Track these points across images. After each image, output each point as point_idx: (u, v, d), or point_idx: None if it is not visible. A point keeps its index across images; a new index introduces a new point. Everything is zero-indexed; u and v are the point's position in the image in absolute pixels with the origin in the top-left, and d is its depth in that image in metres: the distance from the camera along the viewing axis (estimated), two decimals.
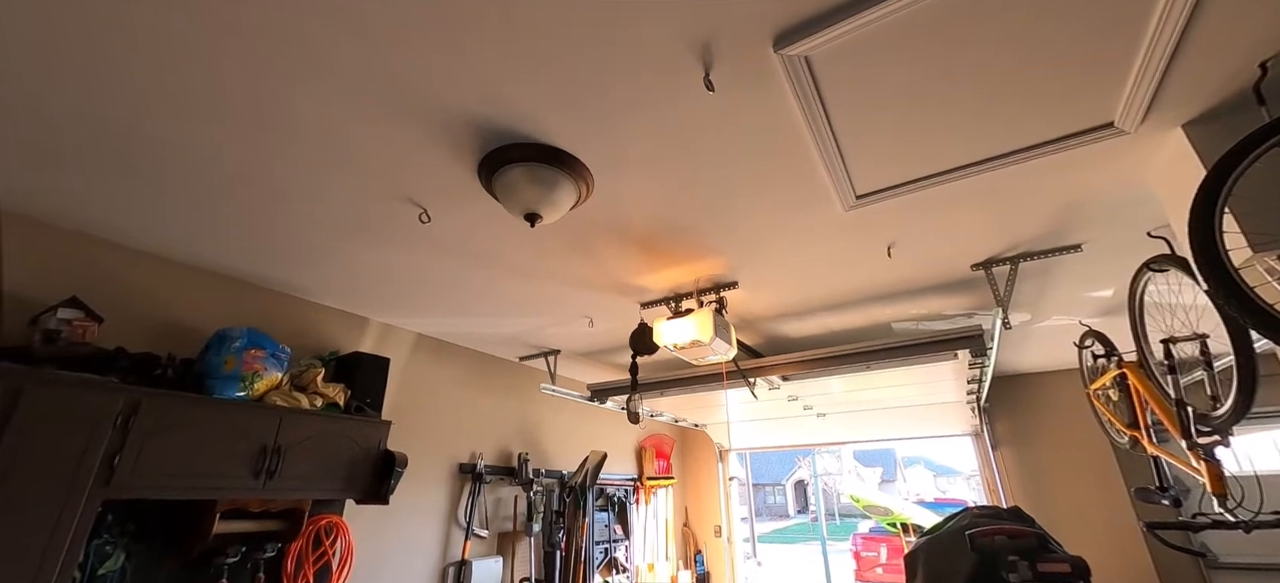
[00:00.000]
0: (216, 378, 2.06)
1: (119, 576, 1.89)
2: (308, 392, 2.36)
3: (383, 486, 2.46)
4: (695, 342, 2.32)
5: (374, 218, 1.91)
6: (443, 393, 3.34)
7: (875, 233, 2.06)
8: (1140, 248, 2.15)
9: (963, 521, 2.19)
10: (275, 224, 1.98)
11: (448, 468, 3.24)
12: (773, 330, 3.22)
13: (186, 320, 2.29)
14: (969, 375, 3.30)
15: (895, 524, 7.76)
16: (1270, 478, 1.63)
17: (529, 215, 1.62)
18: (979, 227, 2.03)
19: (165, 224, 1.99)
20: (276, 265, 2.33)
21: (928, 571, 2.11)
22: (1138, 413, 2.22)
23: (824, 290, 2.61)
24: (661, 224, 1.97)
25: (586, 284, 2.52)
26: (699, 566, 5.35)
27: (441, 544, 3.09)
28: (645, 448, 5.19)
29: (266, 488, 2.08)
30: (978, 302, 2.79)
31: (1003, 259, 2.26)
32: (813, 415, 4.58)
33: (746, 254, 2.22)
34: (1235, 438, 1.76)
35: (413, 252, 2.18)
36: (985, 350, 2.51)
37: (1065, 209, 1.92)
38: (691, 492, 5.72)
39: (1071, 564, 1.88)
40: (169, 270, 2.28)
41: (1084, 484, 4.09)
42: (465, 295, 2.66)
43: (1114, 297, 2.73)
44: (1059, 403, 4.37)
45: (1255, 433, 3.68)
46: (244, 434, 2.05)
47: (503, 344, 3.55)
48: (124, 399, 1.77)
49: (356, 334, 2.93)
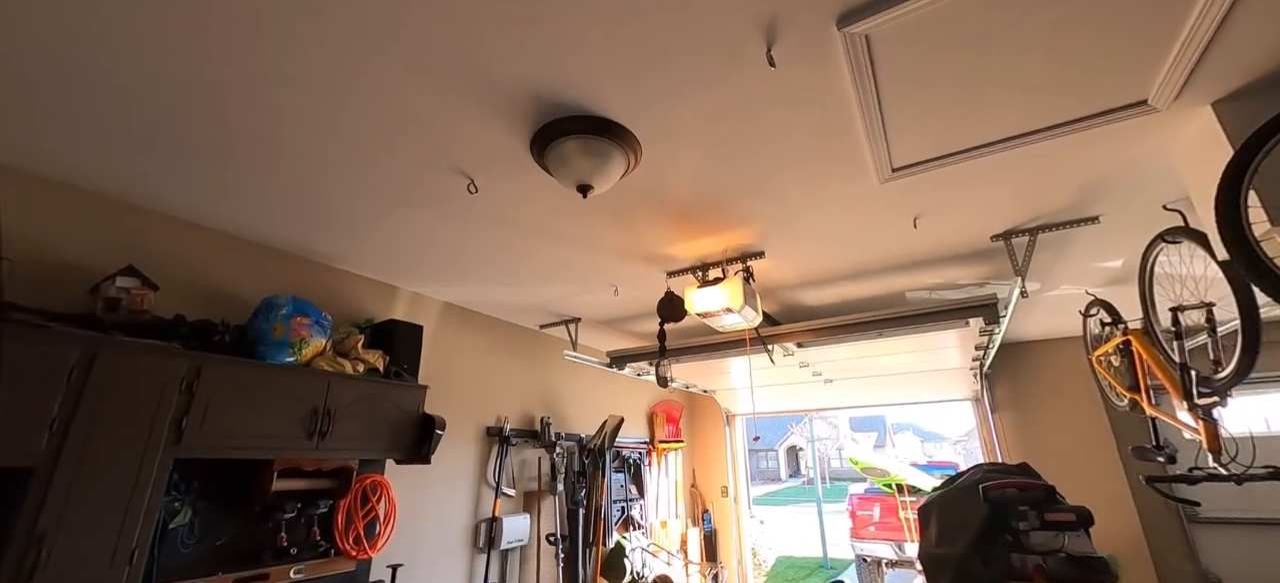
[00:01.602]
0: (267, 344, 2.14)
1: (188, 529, 2.00)
2: (350, 358, 2.44)
3: (423, 446, 2.57)
4: (726, 309, 2.42)
5: (422, 188, 1.96)
6: (469, 360, 3.44)
7: (904, 205, 2.13)
8: (1154, 221, 2.24)
9: (975, 476, 2.34)
10: (323, 193, 2.02)
11: (476, 431, 3.37)
12: (791, 299, 3.32)
13: (228, 289, 2.35)
14: (977, 342, 3.44)
15: (891, 485, 8.08)
16: (1260, 439, 1.76)
17: (581, 186, 1.68)
18: (1003, 199, 2.11)
19: (213, 195, 2.03)
20: (317, 234, 2.38)
21: (941, 521, 2.27)
22: (1139, 377, 2.35)
23: (847, 260, 2.70)
24: (700, 195, 2.03)
25: (618, 253, 2.59)
26: (707, 523, 5.61)
27: (473, 502, 3.25)
28: (656, 413, 5.36)
29: (319, 448, 2.18)
30: (992, 272, 2.90)
31: (1022, 230, 2.35)
32: (820, 381, 4.74)
33: (778, 225, 2.29)
34: (1232, 400, 1.89)
35: (456, 222, 2.23)
36: (998, 318, 2.62)
37: (1088, 183, 2.00)
38: (699, 455, 5.93)
39: (1076, 514, 2.04)
40: (210, 240, 2.32)
41: (1077, 446, 4.31)
42: (502, 265, 2.72)
43: (1123, 267, 2.84)
44: (1057, 370, 4.55)
45: (1247, 398, 3.88)
46: (297, 397, 2.14)
47: (525, 313, 3.64)
48: (187, 364, 1.85)
49: (387, 303, 3.00)
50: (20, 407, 1.50)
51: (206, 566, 2.02)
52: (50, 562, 1.49)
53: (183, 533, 1.99)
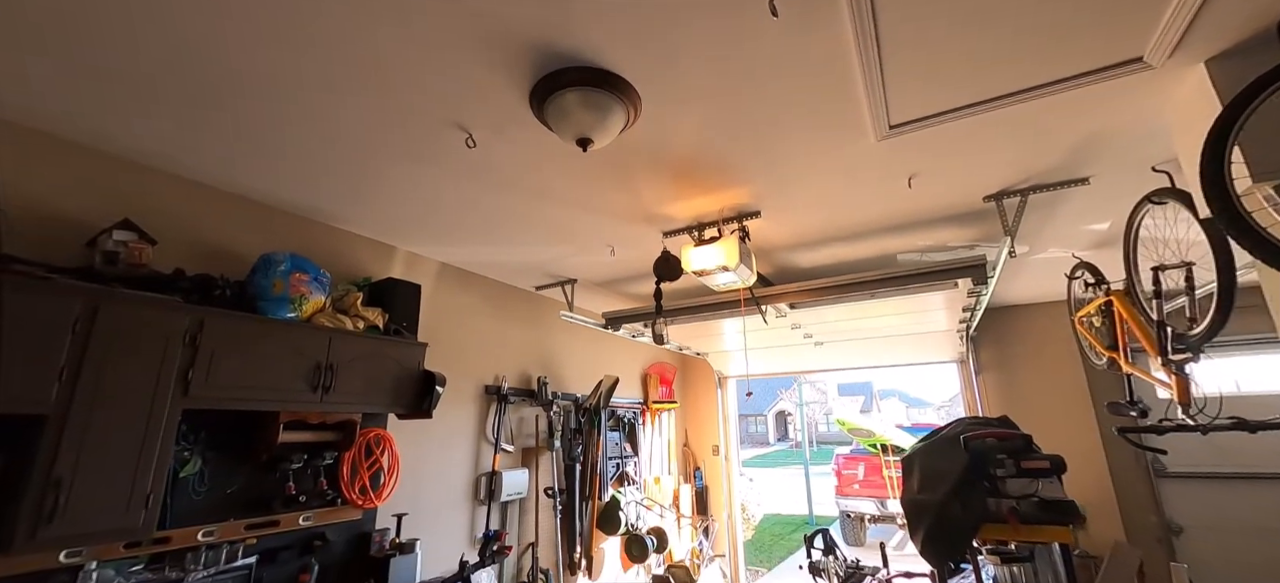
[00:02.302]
0: (267, 300, 2.15)
1: (199, 477, 2.06)
2: (349, 315, 2.47)
3: (424, 402, 2.63)
4: (721, 267, 2.45)
5: (421, 142, 1.94)
6: (466, 320, 3.47)
7: (900, 164, 2.15)
8: (1142, 183, 2.29)
9: (957, 427, 2.45)
10: (317, 148, 2.00)
11: (475, 389, 3.44)
12: (785, 260, 3.37)
13: (224, 245, 2.34)
14: (965, 304, 3.52)
15: (876, 445, 8.37)
16: (1228, 398, 1.87)
17: (581, 140, 1.68)
18: (997, 159, 2.14)
19: (207, 151, 2.00)
20: (313, 192, 2.36)
21: (924, 470, 2.39)
22: (1118, 336, 2.45)
23: (842, 221, 2.73)
24: (698, 152, 2.04)
25: (615, 213, 2.60)
26: (698, 480, 5.81)
27: (473, 457, 3.34)
28: (650, 375, 5.47)
29: (323, 402, 2.23)
30: (982, 234, 2.95)
31: (1014, 191, 2.39)
32: (810, 344, 4.84)
33: (775, 184, 2.31)
34: (1203, 357, 1.98)
35: (455, 178, 2.22)
36: (986, 279, 2.69)
37: (1080, 143, 2.03)
38: (691, 416, 6.09)
39: (1051, 461, 2.16)
40: (204, 196, 2.30)
41: (1055, 404, 4.48)
42: (499, 224, 2.72)
43: (1109, 230, 2.90)
44: (1039, 332, 4.68)
45: (1219, 359, 4.04)
46: (299, 352, 2.17)
47: (522, 274, 3.66)
48: (190, 318, 1.87)
49: (384, 262, 3.01)
50: (28, 357, 1.52)
51: (218, 512, 2.08)
52: (68, 505, 1.54)
53: (194, 481, 2.04)
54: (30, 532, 1.48)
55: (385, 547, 2.59)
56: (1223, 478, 3.94)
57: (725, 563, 5.47)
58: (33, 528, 1.49)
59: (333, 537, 2.42)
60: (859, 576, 3.10)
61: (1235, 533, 3.84)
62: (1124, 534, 3.98)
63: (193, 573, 1.94)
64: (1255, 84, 1.27)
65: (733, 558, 5.63)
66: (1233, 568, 3.69)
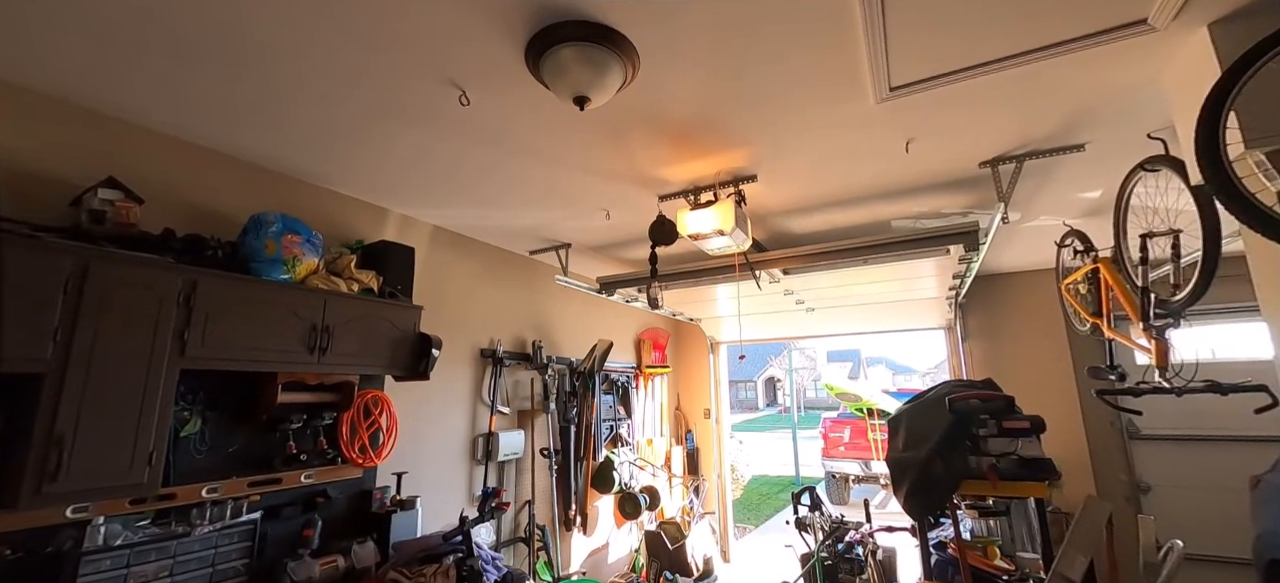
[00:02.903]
0: (260, 261, 2.13)
1: (200, 437, 2.08)
2: (343, 277, 2.45)
3: (421, 364, 2.65)
4: (717, 231, 2.46)
5: (413, 99, 1.90)
6: (461, 284, 3.47)
7: (898, 128, 2.14)
8: (1136, 151, 2.29)
9: (943, 389, 2.52)
10: (308, 105, 1.94)
11: (470, 352, 3.46)
12: (779, 226, 3.37)
13: (213, 206, 2.29)
14: (955, 271, 3.57)
15: (862, 409, 8.60)
16: (1204, 364, 1.94)
17: (578, 98, 1.65)
18: (994, 124, 2.13)
19: (192, 107, 1.94)
20: (303, 151, 2.31)
21: (909, 429, 2.47)
22: (1103, 303, 2.51)
23: (837, 186, 2.73)
24: (696, 112, 2.01)
25: (611, 175, 2.57)
26: (689, 442, 5.96)
27: (470, 418, 3.39)
28: (643, 340, 5.52)
29: (320, 364, 2.24)
30: (976, 201, 2.96)
31: (1010, 157, 2.39)
32: (802, 310, 4.91)
33: (772, 147, 2.29)
34: (1183, 324, 2.05)
35: (448, 138, 2.18)
36: (977, 246, 2.72)
37: (1078, 109, 2.03)
38: (683, 380, 6.19)
39: (1030, 421, 2.24)
40: (190, 154, 2.24)
41: (1038, 369, 4.61)
42: (493, 187, 2.69)
43: (1101, 198, 2.93)
44: (1026, 300, 4.77)
45: (1196, 327, 4.16)
46: (294, 313, 2.17)
47: (516, 238, 3.63)
48: (182, 278, 1.85)
49: (377, 225, 2.97)
50: (21, 315, 1.51)
51: (220, 470, 2.12)
52: (71, 462, 1.56)
53: (195, 441, 2.07)
54: (35, 488, 1.50)
55: (386, 504, 2.66)
56: (1191, 440, 4.12)
57: (714, 520, 5.67)
58: (37, 484, 1.50)
59: (334, 494, 2.48)
60: (843, 530, 3.24)
61: (1198, 490, 4.04)
62: (1095, 492, 4.18)
63: (199, 528, 1.99)
64: (1256, 48, 1.26)
65: (722, 515, 5.84)
66: (1193, 522, 3.90)
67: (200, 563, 2.00)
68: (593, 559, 4.33)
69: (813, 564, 3.12)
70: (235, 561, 2.10)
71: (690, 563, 4.40)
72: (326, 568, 2.25)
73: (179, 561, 1.94)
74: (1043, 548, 2.41)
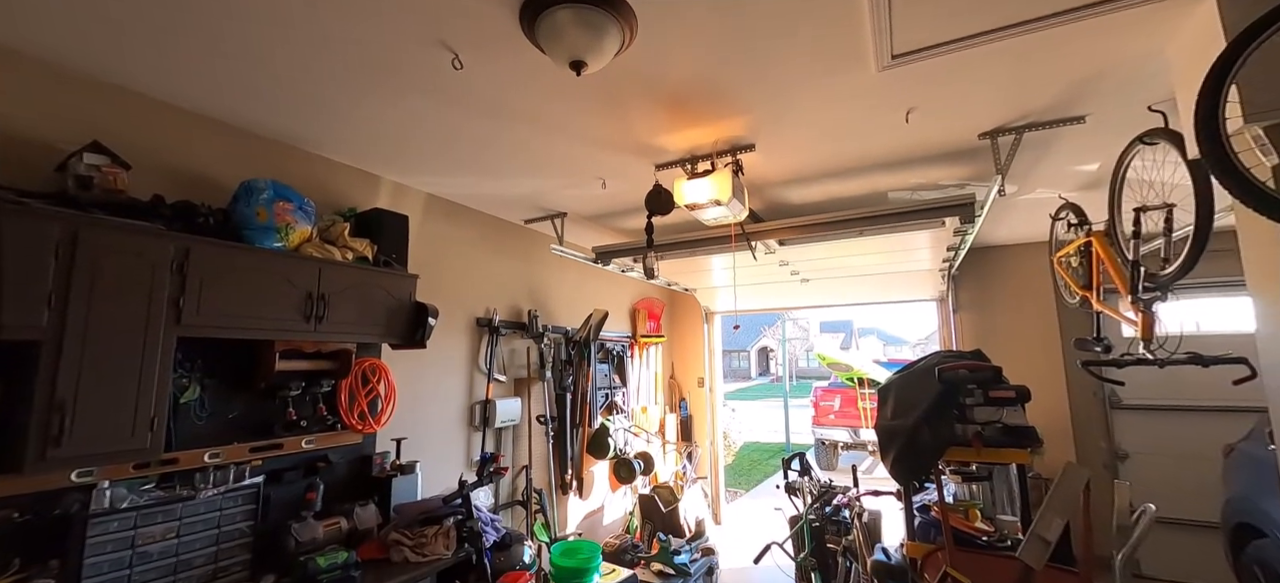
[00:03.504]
0: (252, 228, 2.11)
1: (199, 403, 2.10)
2: (337, 245, 2.43)
3: (418, 332, 2.66)
4: (714, 201, 2.45)
5: (405, 62, 1.85)
6: (456, 252, 3.45)
7: (898, 97, 2.12)
8: (1136, 123, 2.29)
9: (932, 360, 2.57)
10: (299, 70, 1.89)
11: (466, 321, 3.47)
12: (776, 196, 3.36)
13: (200, 172, 2.25)
14: (950, 244, 3.59)
15: (853, 379, 8.75)
16: (1189, 336, 1.99)
17: (574, 63, 1.61)
18: (996, 93, 2.11)
19: (177, 69, 1.88)
20: (293, 116, 2.26)
21: (898, 398, 2.53)
22: (1093, 276, 2.54)
23: (836, 156, 2.71)
24: (694, 79, 1.97)
25: (607, 144, 2.54)
26: (683, 410, 6.07)
27: (467, 386, 3.43)
28: (638, 310, 5.55)
29: (317, 331, 2.24)
30: (973, 173, 2.96)
31: (1010, 129, 2.38)
32: (797, 281, 4.94)
33: (771, 115, 2.26)
34: (1171, 298, 2.08)
35: (441, 103, 2.13)
36: (973, 218, 2.73)
37: (1080, 80, 2.01)
38: (678, 350, 6.26)
39: (1016, 391, 2.30)
40: (177, 118, 2.19)
41: (1026, 340, 4.70)
42: (488, 154, 2.65)
43: (1098, 171, 2.93)
44: (1018, 273, 4.83)
45: (1183, 301, 4.23)
46: (289, 281, 2.16)
47: (511, 206, 3.60)
48: (175, 246, 1.83)
49: (370, 192, 2.93)
50: (13, 281, 1.50)
51: (221, 436, 2.14)
52: (74, 428, 1.57)
53: (195, 407, 2.09)
54: (40, 453, 1.52)
55: (386, 468, 2.71)
56: (1170, 410, 4.25)
57: (706, 485, 5.84)
58: (41, 449, 1.52)
59: (335, 459, 2.52)
60: (831, 494, 3.35)
61: (1173, 458, 4.19)
62: (1075, 459, 4.32)
63: (204, 491, 2.03)
64: (1262, 20, 1.25)
65: (714, 480, 6.00)
66: (1167, 488, 4.06)
67: (206, 525, 2.05)
68: (588, 521, 4.47)
69: (801, 526, 3.23)
70: (240, 523, 2.15)
71: (683, 525, 4.55)
72: (330, 529, 2.31)
73: (185, 523, 1.99)
74: (1022, 511, 2.51)
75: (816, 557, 3.12)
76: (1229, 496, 3.03)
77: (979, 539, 2.49)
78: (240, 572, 2.10)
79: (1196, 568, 3.96)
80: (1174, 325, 2.06)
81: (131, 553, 1.83)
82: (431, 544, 2.42)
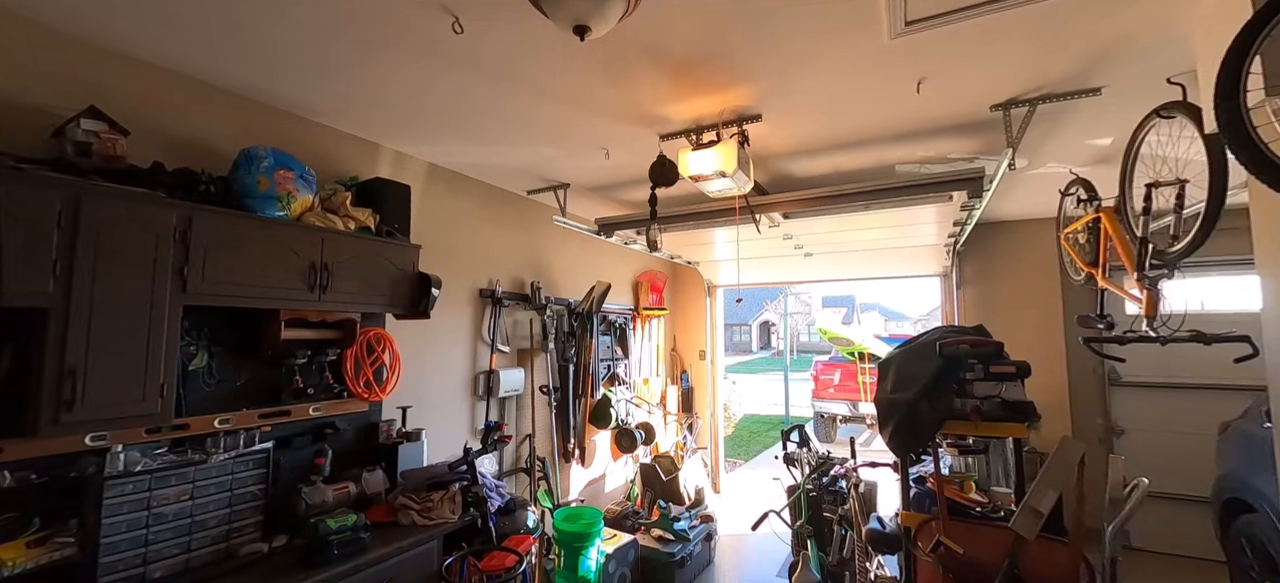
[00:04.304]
0: (253, 197, 2.10)
1: (207, 371, 2.13)
2: (339, 214, 2.42)
3: (421, 303, 2.67)
4: (719, 173, 2.41)
5: (404, 27, 1.80)
6: (458, 223, 3.43)
7: (910, 66, 2.06)
8: (1152, 96, 2.23)
9: (934, 335, 2.57)
10: (298, 33, 1.84)
11: (469, 292, 3.48)
12: (781, 169, 3.31)
13: (198, 139, 2.22)
14: (956, 218, 3.56)
15: (854, 353, 8.81)
16: (1192, 314, 1.99)
17: (578, 28, 1.57)
18: (1010, 65, 2.05)
19: (172, 31, 1.83)
20: (291, 81, 2.22)
21: (899, 372, 2.54)
22: (1100, 253, 2.52)
23: (844, 127, 2.66)
24: (700, 45, 1.92)
25: (611, 112, 2.49)
26: (684, 382, 6.13)
27: (471, 356, 3.47)
28: (641, 282, 5.55)
29: (321, 301, 2.25)
30: (984, 146, 2.90)
31: (1023, 100, 2.32)
32: (801, 255, 4.92)
33: (779, 84, 2.21)
34: (1177, 275, 2.07)
35: (441, 68, 2.09)
36: (981, 193, 2.69)
37: (1098, 50, 1.95)
38: (680, 322, 6.29)
39: (1016, 366, 2.31)
40: (174, 83, 2.15)
41: (1028, 318, 4.70)
42: (490, 120, 2.60)
43: (1110, 145, 2.87)
44: (1023, 250, 4.79)
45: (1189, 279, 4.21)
46: (292, 251, 2.16)
47: (514, 177, 3.56)
48: (177, 214, 1.83)
49: (370, 161, 2.90)
50: (18, 248, 1.50)
51: (231, 403, 2.18)
52: (86, 393, 1.60)
53: (203, 374, 2.11)
54: (53, 417, 1.55)
55: (392, 435, 2.76)
56: (1168, 387, 4.28)
57: (706, 455, 5.94)
58: (55, 414, 1.55)
59: (343, 426, 2.57)
60: (829, 465, 3.41)
61: (1167, 434, 4.24)
62: (1071, 434, 4.37)
63: (215, 455, 2.07)
64: None
65: (713, 451, 6.11)
66: (1161, 463, 4.12)
67: (219, 488, 2.10)
68: (590, 489, 4.57)
69: (798, 495, 3.30)
70: (252, 486, 2.20)
71: (683, 493, 4.65)
72: (339, 493, 2.37)
73: (198, 486, 2.04)
74: (1016, 484, 2.55)
75: (813, 525, 3.20)
76: (1222, 472, 3.07)
77: (973, 510, 2.55)
78: (253, 533, 2.17)
79: (1184, 541, 4.05)
80: (1178, 304, 2.05)
81: (147, 514, 1.89)
82: (438, 509, 2.48)
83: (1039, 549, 1.91)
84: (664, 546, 3.81)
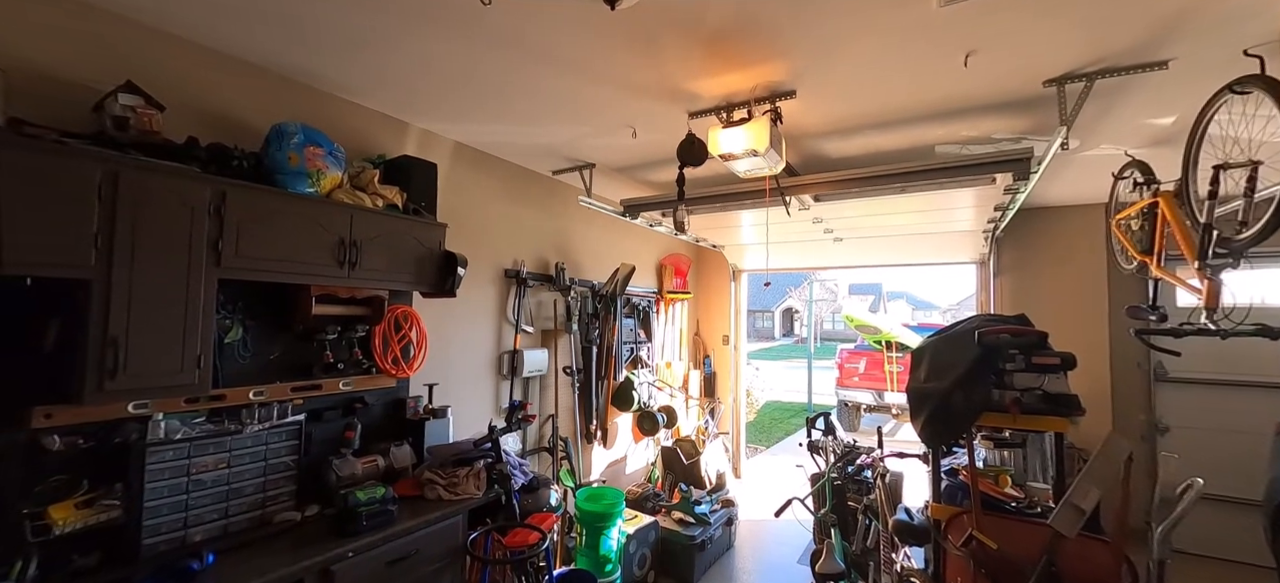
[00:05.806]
0: (284, 173, 2.11)
1: (242, 343, 2.18)
2: (367, 192, 2.43)
3: (447, 281, 2.68)
4: (750, 151, 2.34)
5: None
6: (484, 203, 3.43)
7: (959, 37, 1.94)
8: (1225, 71, 2.05)
9: (973, 322, 2.47)
10: (328, 7, 1.83)
11: (494, 272, 3.49)
12: (813, 149, 3.20)
13: (229, 114, 2.25)
14: (997, 203, 3.39)
15: (881, 342, 8.62)
16: (1255, 308, 1.86)
17: None
18: (1069, 33, 1.91)
19: (208, 7, 1.84)
20: (322, 56, 2.21)
21: (933, 361, 2.45)
22: (1156, 240, 2.36)
23: (883, 104, 2.54)
24: (736, 17, 1.84)
25: (640, 89, 2.42)
26: (707, 367, 6.09)
27: (495, 336, 3.49)
28: (665, 266, 5.50)
29: (350, 278, 2.28)
30: (1031, 125, 2.74)
31: (1080, 75, 2.17)
32: (830, 239, 4.78)
33: (816, 58, 2.11)
34: (1244, 265, 1.93)
35: (470, 42, 2.05)
36: (1027, 175, 2.55)
37: (1167, 18, 1.79)
38: (703, 307, 6.23)
39: (1061, 358, 2.20)
40: (207, 60, 2.17)
41: (1069, 308, 4.49)
42: (518, 96, 2.56)
43: (1173, 125, 2.68)
44: (1065, 237, 4.56)
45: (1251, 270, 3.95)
46: (323, 227, 2.17)
47: (539, 157, 3.53)
48: (211, 189, 1.85)
49: (398, 139, 2.90)
50: (61, 220, 1.54)
51: (264, 375, 2.23)
52: (128, 362, 1.65)
53: (238, 347, 2.17)
54: (98, 384, 1.60)
55: (419, 412, 2.80)
56: (1218, 384, 4.05)
57: (728, 440, 5.92)
58: (99, 381, 1.60)
59: (371, 401, 2.62)
60: (855, 454, 3.34)
61: (1214, 432, 4.03)
62: (1112, 429, 4.19)
63: (250, 426, 2.13)
64: None
65: (735, 437, 6.08)
66: (1206, 462, 3.91)
67: (254, 457, 2.16)
68: (612, 469, 4.60)
69: (823, 483, 3.25)
70: (285, 457, 2.26)
71: (704, 477, 4.65)
72: (368, 466, 2.43)
73: (235, 454, 2.10)
74: (1055, 480, 2.45)
75: (837, 514, 3.15)
76: (1275, 474, 2.90)
77: (1008, 505, 2.46)
78: (287, 501, 2.23)
79: (1232, 545, 3.87)
80: (1242, 297, 1.92)
81: (187, 480, 1.95)
82: (463, 485, 2.52)
83: (1078, 548, 1.83)
84: (684, 528, 3.82)
